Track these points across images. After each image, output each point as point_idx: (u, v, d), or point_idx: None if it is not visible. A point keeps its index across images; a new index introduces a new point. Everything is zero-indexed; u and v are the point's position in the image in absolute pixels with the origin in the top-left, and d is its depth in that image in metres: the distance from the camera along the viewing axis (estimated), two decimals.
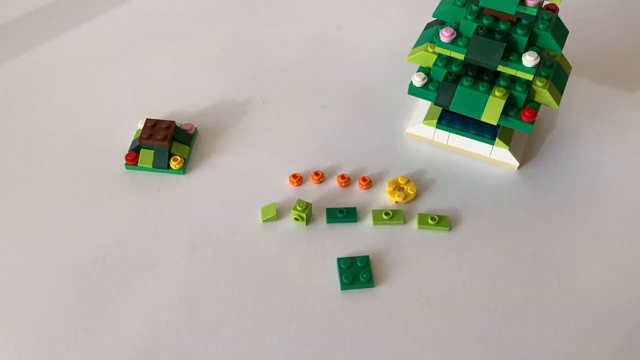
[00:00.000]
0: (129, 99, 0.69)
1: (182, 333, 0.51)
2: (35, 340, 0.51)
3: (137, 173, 0.62)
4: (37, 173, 0.62)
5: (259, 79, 0.71)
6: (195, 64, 0.73)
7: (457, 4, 0.58)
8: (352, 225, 0.58)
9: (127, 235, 0.57)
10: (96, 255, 0.56)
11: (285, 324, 0.52)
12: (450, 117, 0.62)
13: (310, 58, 0.73)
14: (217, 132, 0.66)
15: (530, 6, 0.54)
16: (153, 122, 0.62)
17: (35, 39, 0.75)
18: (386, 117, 0.67)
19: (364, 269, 0.54)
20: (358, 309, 0.53)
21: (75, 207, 0.59)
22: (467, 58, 0.56)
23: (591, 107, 0.68)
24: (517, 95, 0.57)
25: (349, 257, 0.55)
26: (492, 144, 0.62)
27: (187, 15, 0.79)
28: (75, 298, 0.53)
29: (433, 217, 0.58)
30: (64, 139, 0.65)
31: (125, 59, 0.73)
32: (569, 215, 0.59)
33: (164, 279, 0.54)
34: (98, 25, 0.77)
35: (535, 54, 0.55)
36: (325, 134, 0.66)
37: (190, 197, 0.60)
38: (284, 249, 0.56)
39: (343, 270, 0.54)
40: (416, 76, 0.60)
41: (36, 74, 0.71)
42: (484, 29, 0.56)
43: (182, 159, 0.62)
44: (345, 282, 0.53)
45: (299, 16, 0.78)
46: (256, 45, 0.75)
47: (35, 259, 0.56)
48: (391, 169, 0.63)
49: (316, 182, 0.61)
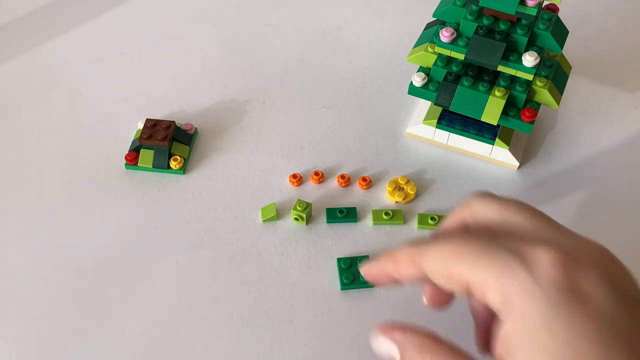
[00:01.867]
0: (129, 99, 0.69)
1: (182, 333, 0.51)
2: (35, 340, 0.51)
3: (137, 173, 0.62)
4: (36, 173, 0.62)
5: (259, 79, 0.71)
6: (195, 63, 0.73)
7: (457, 4, 0.58)
8: (352, 225, 0.58)
9: (127, 235, 0.57)
10: (96, 255, 0.56)
11: (285, 324, 0.52)
12: (450, 117, 0.62)
13: (310, 58, 0.73)
14: (217, 132, 0.66)
15: (530, 6, 0.54)
16: (153, 122, 0.62)
17: (35, 39, 0.75)
18: (386, 117, 0.67)
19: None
20: (358, 309, 0.53)
21: (75, 207, 0.59)
22: (467, 58, 0.56)
23: (591, 107, 0.68)
24: (517, 95, 0.57)
25: (348, 257, 0.55)
26: (492, 144, 0.62)
27: (187, 15, 0.79)
28: (75, 298, 0.53)
29: (433, 217, 0.58)
30: (63, 139, 0.65)
31: (125, 59, 0.73)
32: (569, 215, 0.59)
33: (164, 278, 0.54)
34: (98, 25, 0.77)
35: (535, 54, 0.55)
36: (325, 134, 0.66)
37: (190, 197, 0.60)
38: (284, 249, 0.56)
39: (343, 270, 0.54)
40: (416, 76, 0.60)
41: (36, 74, 0.71)
42: (484, 29, 0.56)
43: (182, 159, 0.62)
44: (345, 282, 0.53)
45: (298, 16, 0.78)
46: (256, 45, 0.75)
47: (34, 259, 0.56)
48: (391, 169, 0.63)
49: (316, 182, 0.61)
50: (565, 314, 0.32)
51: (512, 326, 0.34)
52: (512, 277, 0.34)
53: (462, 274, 0.36)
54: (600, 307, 0.33)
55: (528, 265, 0.34)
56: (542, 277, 0.34)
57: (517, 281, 0.34)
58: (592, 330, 0.32)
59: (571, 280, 0.33)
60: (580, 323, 0.32)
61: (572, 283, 0.33)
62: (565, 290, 0.33)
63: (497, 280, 0.34)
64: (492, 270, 0.35)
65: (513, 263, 0.34)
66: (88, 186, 0.61)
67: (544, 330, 0.32)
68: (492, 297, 0.35)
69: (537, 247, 0.35)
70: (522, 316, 0.33)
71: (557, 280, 0.33)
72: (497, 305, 0.35)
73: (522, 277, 0.34)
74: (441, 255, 0.37)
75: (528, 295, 0.33)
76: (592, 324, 0.32)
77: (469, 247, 0.36)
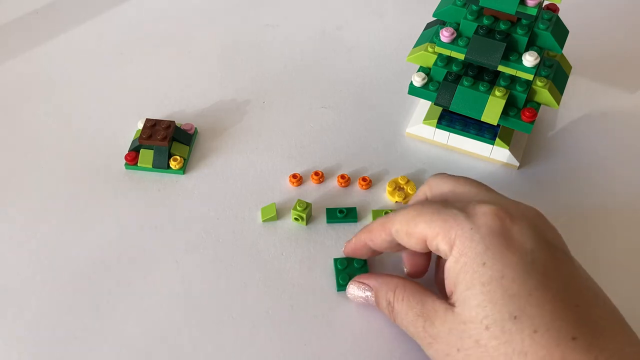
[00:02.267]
0: (129, 99, 0.69)
1: (181, 333, 0.51)
2: (35, 340, 0.51)
3: (137, 173, 0.62)
4: (36, 173, 0.62)
5: (258, 79, 0.71)
6: (195, 63, 0.73)
7: (457, 4, 0.58)
8: (352, 225, 0.58)
9: (127, 235, 0.57)
10: (96, 255, 0.56)
11: (285, 324, 0.52)
12: (450, 117, 0.62)
13: (310, 58, 0.73)
14: (217, 132, 0.66)
15: (530, 6, 0.54)
16: (153, 122, 0.62)
17: (35, 39, 0.75)
18: (386, 117, 0.67)
19: (360, 269, 0.54)
20: (358, 309, 0.53)
21: (74, 207, 0.59)
22: (467, 58, 0.56)
23: (591, 107, 0.68)
24: (517, 95, 0.57)
25: (345, 258, 0.55)
26: (492, 144, 0.62)
27: (186, 14, 0.79)
28: (75, 298, 0.53)
29: None
30: (63, 139, 0.65)
31: (125, 59, 0.73)
32: (570, 215, 0.59)
33: (163, 278, 0.54)
34: (98, 25, 0.77)
35: (535, 54, 0.55)
36: (325, 134, 0.66)
37: (190, 197, 0.60)
38: (283, 249, 0.56)
39: (340, 271, 0.54)
40: (416, 76, 0.60)
41: (36, 73, 0.71)
42: (484, 29, 0.56)
43: (181, 159, 0.62)
44: (341, 284, 0.53)
45: (298, 16, 0.78)
46: (256, 45, 0.75)
47: (34, 259, 0.56)
48: (391, 169, 0.63)
49: (316, 182, 0.61)
50: (497, 251, 0.41)
51: (453, 263, 0.42)
52: (457, 226, 0.43)
53: (421, 231, 0.44)
54: (526, 247, 0.41)
55: (470, 216, 0.43)
56: (480, 225, 0.42)
57: (461, 228, 0.42)
58: (516, 263, 0.40)
59: (504, 228, 0.42)
60: (509, 258, 0.41)
61: (504, 230, 0.42)
62: (499, 235, 0.42)
63: (446, 231, 0.43)
64: (443, 223, 0.43)
65: (459, 216, 0.43)
66: (87, 186, 0.61)
67: (479, 265, 0.41)
68: (442, 245, 0.43)
69: (479, 204, 0.44)
70: (462, 254, 0.42)
71: (492, 227, 0.42)
72: (446, 251, 0.43)
73: (464, 226, 0.42)
74: (405, 217, 0.46)
75: (468, 239, 0.42)
76: (517, 258, 0.41)
77: (426, 209, 0.45)
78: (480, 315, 0.40)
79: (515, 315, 0.39)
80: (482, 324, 0.40)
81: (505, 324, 0.39)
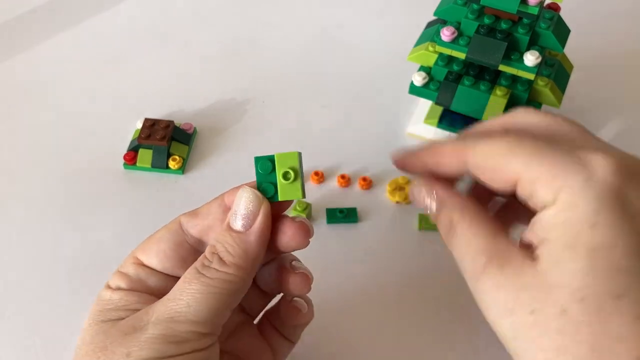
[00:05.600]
0: (128, 98, 0.68)
1: None
2: (34, 341, 0.51)
3: (136, 173, 0.62)
4: (35, 173, 0.62)
5: (258, 78, 0.71)
6: (194, 63, 0.72)
7: (458, 3, 0.57)
8: (353, 225, 0.58)
9: (126, 235, 0.57)
10: (95, 255, 0.56)
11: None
12: (451, 117, 0.62)
13: (310, 58, 0.73)
14: (217, 132, 0.65)
15: (531, 5, 0.53)
16: (152, 122, 0.62)
17: (34, 39, 0.75)
18: (386, 117, 0.67)
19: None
20: (358, 309, 0.52)
21: (73, 207, 0.59)
22: (468, 57, 0.56)
23: (591, 107, 0.68)
24: (519, 94, 0.57)
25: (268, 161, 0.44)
26: None
27: (186, 14, 0.78)
28: (74, 298, 0.53)
29: None
30: (61, 138, 0.65)
31: (124, 59, 0.73)
32: None
33: None
34: (96, 24, 0.77)
35: (536, 53, 0.54)
36: (325, 134, 0.65)
37: (189, 196, 0.60)
38: None
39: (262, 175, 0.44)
40: (417, 75, 0.60)
41: (34, 73, 0.71)
42: (485, 28, 0.55)
43: (181, 158, 0.61)
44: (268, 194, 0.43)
45: (299, 16, 0.78)
46: (256, 44, 0.75)
47: (33, 259, 0.55)
48: (391, 169, 0.61)
49: (316, 182, 0.61)
50: (612, 215, 0.34)
51: (552, 216, 0.35)
52: (565, 173, 0.35)
53: (515, 169, 0.37)
54: None
55: (584, 166, 0.35)
56: (597, 179, 0.35)
57: (572, 178, 0.35)
58: (630, 234, 0.34)
59: (622, 189, 0.35)
60: (624, 226, 0.34)
61: (622, 191, 0.35)
62: (616, 196, 0.34)
63: (551, 177, 0.35)
64: (547, 167, 0.36)
65: (570, 163, 0.35)
66: (86, 186, 0.61)
67: (588, 226, 0.34)
68: (542, 192, 0.36)
69: (593, 152, 0.36)
70: (567, 208, 0.35)
71: (611, 185, 0.35)
72: (545, 201, 0.36)
73: (576, 175, 0.35)
74: (492, 151, 0.38)
75: (579, 192, 0.34)
76: (632, 229, 0.34)
77: (525, 145, 0.37)
78: (575, 284, 0.34)
79: (619, 294, 0.33)
80: (575, 294, 0.34)
81: (606, 301, 0.33)
